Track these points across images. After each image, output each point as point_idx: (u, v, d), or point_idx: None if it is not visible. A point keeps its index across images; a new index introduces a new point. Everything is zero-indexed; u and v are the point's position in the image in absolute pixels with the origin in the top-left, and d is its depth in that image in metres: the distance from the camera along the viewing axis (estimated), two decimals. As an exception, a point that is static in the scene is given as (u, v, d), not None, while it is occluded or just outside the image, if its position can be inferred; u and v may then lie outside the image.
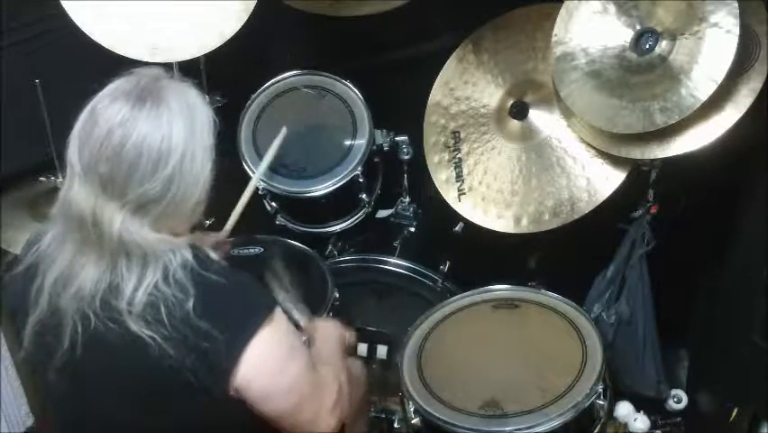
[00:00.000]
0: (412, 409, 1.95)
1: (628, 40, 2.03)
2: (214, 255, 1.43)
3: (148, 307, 1.32)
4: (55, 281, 1.36)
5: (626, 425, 2.46)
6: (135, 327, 1.32)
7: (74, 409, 1.47)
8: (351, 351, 1.88)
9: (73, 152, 1.34)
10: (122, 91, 1.34)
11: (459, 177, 2.31)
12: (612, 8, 2.05)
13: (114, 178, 1.31)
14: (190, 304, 1.32)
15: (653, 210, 2.22)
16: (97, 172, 1.31)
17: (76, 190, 1.33)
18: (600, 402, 1.90)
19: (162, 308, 1.32)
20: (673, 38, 1.96)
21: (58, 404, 1.51)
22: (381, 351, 2.40)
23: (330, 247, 2.62)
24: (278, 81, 2.57)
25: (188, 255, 1.37)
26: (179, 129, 1.33)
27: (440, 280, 2.48)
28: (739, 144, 1.99)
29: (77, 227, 1.34)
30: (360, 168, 2.43)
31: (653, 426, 2.47)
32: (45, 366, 1.40)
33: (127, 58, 2.12)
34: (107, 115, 1.32)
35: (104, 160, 1.31)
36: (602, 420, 1.93)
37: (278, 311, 1.42)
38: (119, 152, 1.30)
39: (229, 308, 1.37)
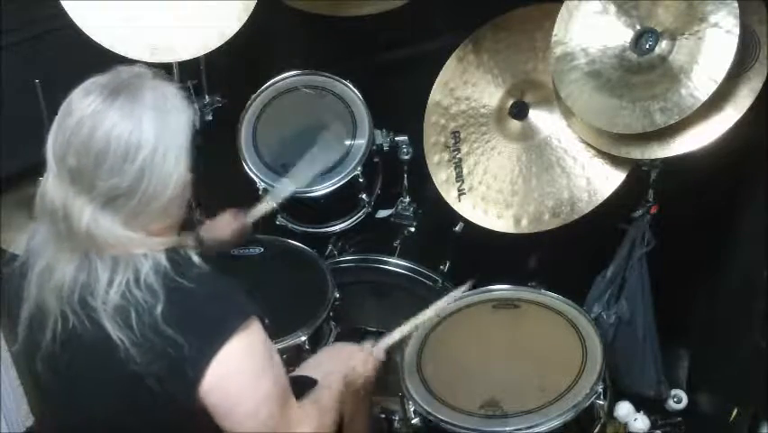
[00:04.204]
0: (412, 409, 1.95)
1: (628, 40, 2.03)
2: (196, 259, 1.40)
3: (119, 309, 1.31)
4: (40, 275, 1.36)
5: (626, 425, 2.45)
6: (108, 326, 1.30)
7: (55, 403, 1.47)
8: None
9: (48, 145, 1.33)
10: (98, 84, 1.33)
11: (459, 177, 2.31)
12: (612, 8, 2.05)
13: (81, 169, 1.29)
14: (159, 310, 1.30)
15: (653, 210, 2.22)
16: (67, 164, 1.30)
17: (49, 183, 1.33)
18: (600, 402, 1.90)
19: (132, 313, 1.30)
20: (673, 38, 1.96)
21: (42, 397, 1.51)
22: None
23: (330, 247, 2.62)
24: (278, 81, 2.58)
25: (162, 259, 1.34)
26: (150, 124, 1.31)
27: (440, 281, 2.48)
28: (739, 144, 1.99)
29: (51, 221, 1.34)
30: (360, 168, 2.43)
31: (653, 426, 2.47)
32: (32, 361, 1.40)
33: (127, 58, 2.12)
34: (80, 106, 1.31)
35: (72, 151, 1.29)
36: (602, 420, 1.93)
37: (254, 322, 1.37)
38: (87, 143, 1.29)
39: (199, 315, 1.34)
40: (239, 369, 1.35)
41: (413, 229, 2.61)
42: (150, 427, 1.39)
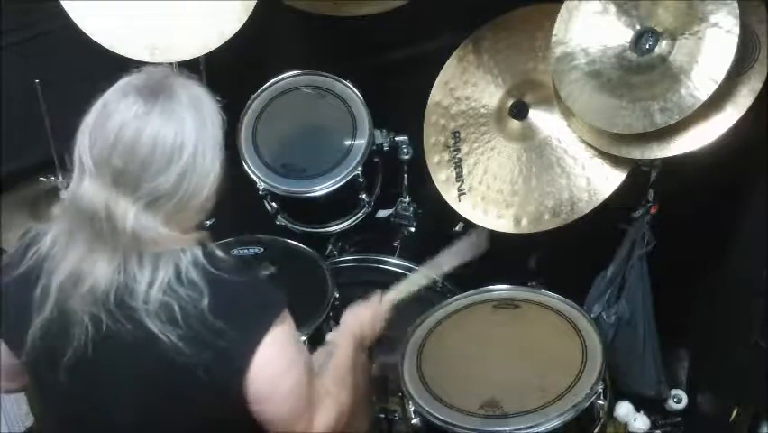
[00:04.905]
0: (412, 410, 1.95)
1: (628, 40, 2.03)
2: (221, 253, 1.43)
3: (162, 306, 1.32)
4: (63, 282, 1.35)
5: (626, 425, 2.46)
6: (152, 324, 1.32)
7: (79, 410, 1.46)
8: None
9: (84, 148, 1.33)
10: (133, 86, 1.35)
11: (459, 177, 2.31)
12: (612, 8, 2.05)
13: (127, 172, 1.30)
14: (205, 303, 1.32)
15: (653, 210, 2.22)
16: (110, 166, 1.31)
17: (87, 185, 1.33)
18: (600, 402, 1.90)
19: (176, 308, 1.32)
20: (673, 38, 1.97)
21: (62, 406, 1.49)
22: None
23: (330, 247, 2.62)
24: (278, 81, 2.58)
25: (198, 253, 1.37)
26: (191, 123, 1.33)
27: (440, 281, 2.48)
28: (739, 144, 1.99)
29: (89, 223, 1.33)
30: (360, 168, 2.43)
31: (653, 426, 2.47)
32: (49, 369, 1.39)
33: (127, 58, 2.12)
34: (120, 109, 1.32)
35: (117, 154, 1.30)
36: (602, 420, 1.93)
37: (287, 310, 1.42)
38: (133, 147, 1.30)
39: (243, 305, 1.38)
40: (279, 355, 1.39)
41: (413, 229, 2.61)
42: (194, 421, 1.40)
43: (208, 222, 2.34)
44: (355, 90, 2.53)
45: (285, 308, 1.41)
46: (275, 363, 1.38)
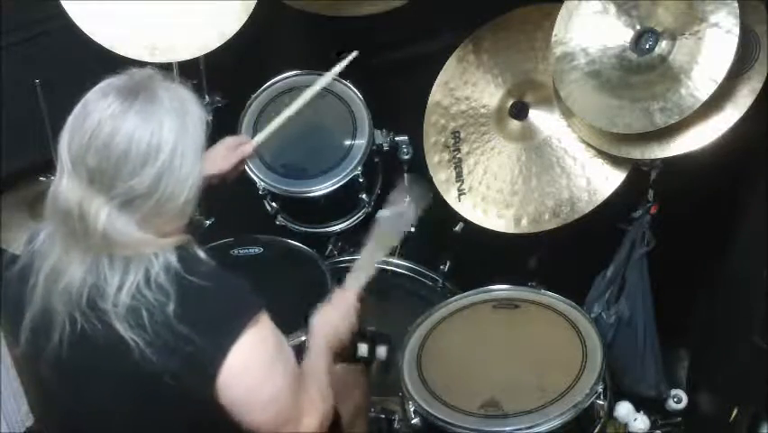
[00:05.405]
0: (412, 410, 1.95)
1: (628, 40, 2.03)
2: (202, 255, 1.42)
3: (130, 310, 1.32)
4: (46, 278, 1.36)
5: (626, 425, 2.45)
6: (120, 328, 1.31)
7: (63, 407, 1.47)
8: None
9: (63, 146, 1.34)
10: (114, 86, 1.34)
11: (459, 177, 2.31)
12: (612, 8, 2.05)
13: (102, 170, 1.30)
14: (171, 308, 1.31)
15: (653, 210, 2.22)
16: (85, 165, 1.30)
17: (64, 184, 1.33)
18: (600, 402, 1.91)
19: (144, 313, 1.31)
20: (673, 38, 1.97)
21: (48, 400, 1.51)
22: (381, 351, 2.39)
23: (330, 247, 2.62)
24: (278, 81, 2.57)
25: (172, 258, 1.35)
26: (170, 126, 1.32)
27: (440, 280, 2.48)
28: (739, 144, 1.99)
29: (64, 221, 1.33)
30: (360, 168, 2.43)
31: (653, 426, 2.47)
32: (37, 365, 1.41)
33: (127, 58, 2.12)
34: (98, 108, 1.31)
35: (92, 152, 1.30)
36: (602, 420, 1.94)
37: (263, 315, 1.39)
38: (108, 145, 1.29)
39: (211, 311, 1.35)
40: (253, 362, 1.37)
41: (413, 229, 2.61)
42: (165, 424, 1.39)
43: (207, 222, 2.36)
44: (355, 90, 2.53)
45: (260, 313, 1.38)
46: (250, 370, 1.36)
